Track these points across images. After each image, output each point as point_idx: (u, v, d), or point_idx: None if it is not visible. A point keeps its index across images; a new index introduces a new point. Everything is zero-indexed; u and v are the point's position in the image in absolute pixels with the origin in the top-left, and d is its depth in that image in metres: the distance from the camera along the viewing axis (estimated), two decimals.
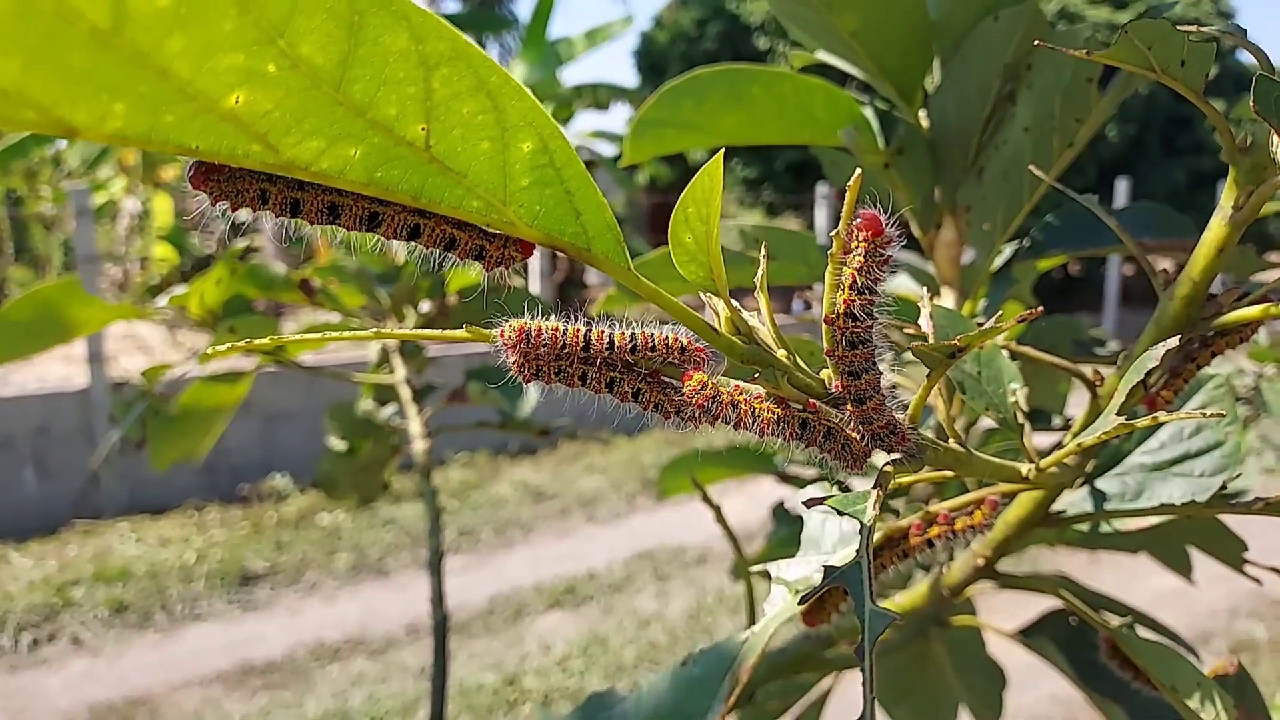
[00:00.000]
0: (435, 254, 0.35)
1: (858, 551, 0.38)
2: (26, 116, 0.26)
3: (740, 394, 0.37)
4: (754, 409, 0.37)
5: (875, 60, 0.66)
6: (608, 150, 8.84)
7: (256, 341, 0.38)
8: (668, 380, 0.38)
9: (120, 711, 2.88)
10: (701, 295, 0.40)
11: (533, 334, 0.35)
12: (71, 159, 7.10)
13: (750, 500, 2.79)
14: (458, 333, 0.37)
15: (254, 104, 0.28)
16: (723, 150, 0.35)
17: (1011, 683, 0.78)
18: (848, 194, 0.35)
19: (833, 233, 0.36)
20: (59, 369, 5.25)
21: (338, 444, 1.36)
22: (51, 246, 7.08)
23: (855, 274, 0.36)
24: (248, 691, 3.00)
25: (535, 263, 6.30)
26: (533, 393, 1.20)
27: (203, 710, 2.89)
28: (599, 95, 8.33)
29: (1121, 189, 7.88)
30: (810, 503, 0.44)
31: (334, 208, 0.33)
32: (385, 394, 1.37)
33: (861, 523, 0.40)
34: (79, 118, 0.26)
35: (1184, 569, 0.67)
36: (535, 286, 6.19)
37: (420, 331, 0.38)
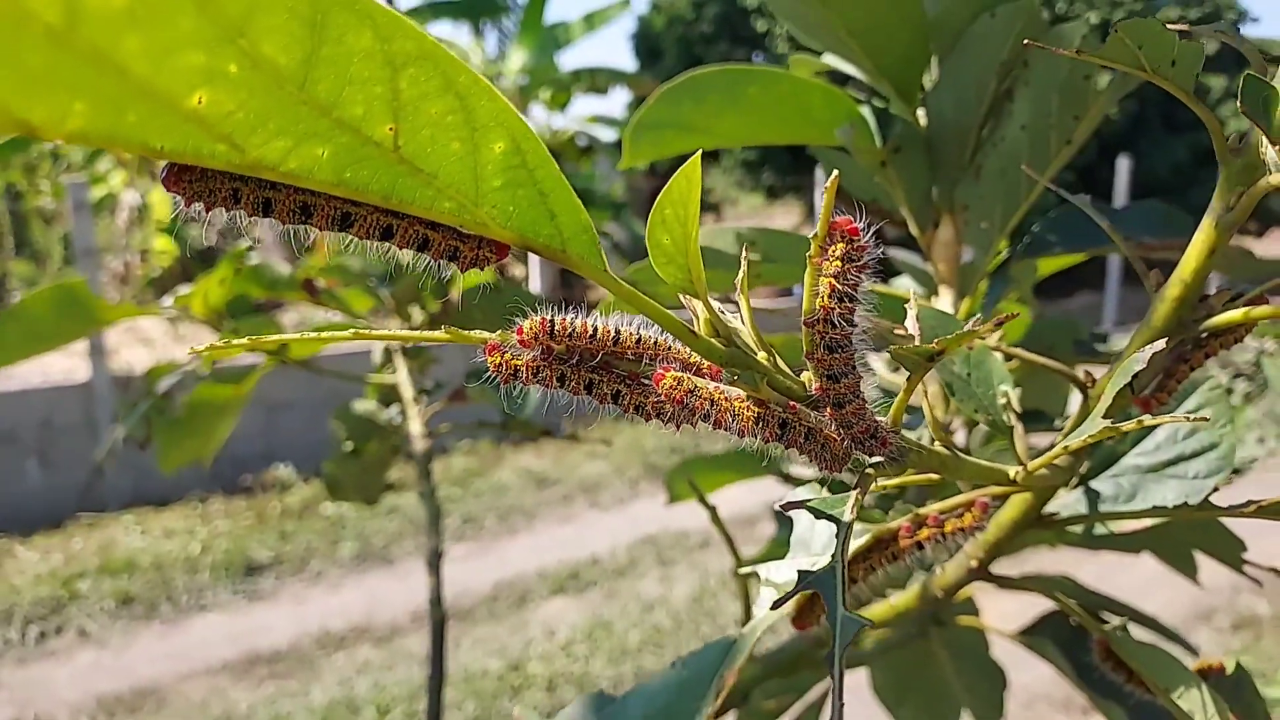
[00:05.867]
0: (410, 255, 0.35)
1: (832, 556, 0.38)
2: None
3: (720, 393, 0.37)
4: (733, 407, 0.37)
5: (872, 58, 0.66)
6: (607, 135, 8.79)
7: (238, 342, 0.38)
8: (646, 382, 0.37)
9: (128, 702, 2.90)
10: (680, 297, 0.40)
11: (556, 330, 0.36)
12: (74, 153, 7.08)
13: (748, 489, 2.79)
14: (438, 334, 0.37)
15: (217, 104, 0.28)
16: (699, 152, 0.35)
17: (1012, 663, 0.79)
18: (825, 197, 0.34)
19: (811, 235, 0.36)
20: (61, 362, 5.26)
21: (345, 445, 1.35)
22: (51, 241, 7.07)
23: (832, 280, 0.35)
24: (254, 681, 3.03)
25: None
26: (534, 391, 1.19)
27: (210, 700, 2.91)
28: (597, 79, 8.28)
29: (1123, 168, 7.80)
30: (788, 506, 0.44)
31: (306, 207, 0.33)
32: (389, 394, 1.37)
33: (839, 524, 0.40)
34: (37, 116, 0.26)
35: (1189, 569, 0.67)
36: (535, 273, 6.18)
37: (399, 333, 0.38)
